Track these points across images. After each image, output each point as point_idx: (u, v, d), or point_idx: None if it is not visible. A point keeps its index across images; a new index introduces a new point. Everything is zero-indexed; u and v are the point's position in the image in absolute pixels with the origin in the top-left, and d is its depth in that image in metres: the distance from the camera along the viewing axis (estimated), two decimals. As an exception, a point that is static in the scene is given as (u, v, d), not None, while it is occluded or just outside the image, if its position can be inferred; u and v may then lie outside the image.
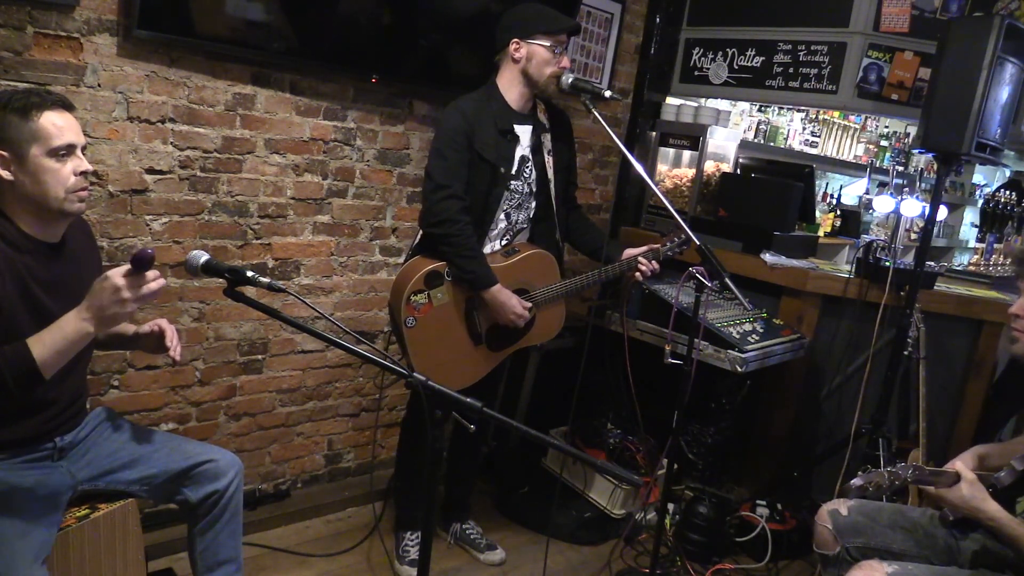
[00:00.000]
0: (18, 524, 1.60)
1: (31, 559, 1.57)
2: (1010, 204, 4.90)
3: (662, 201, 2.38)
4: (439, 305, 2.40)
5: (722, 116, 3.90)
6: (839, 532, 2.06)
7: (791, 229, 3.56)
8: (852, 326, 3.21)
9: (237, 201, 2.60)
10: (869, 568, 1.86)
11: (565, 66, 2.43)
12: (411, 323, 2.37)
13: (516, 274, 2.49)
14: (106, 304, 1.51)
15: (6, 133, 1.59)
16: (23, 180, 1.62)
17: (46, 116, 1.61)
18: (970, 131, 2.66)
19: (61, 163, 1.63)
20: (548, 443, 1.44)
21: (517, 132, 2.47)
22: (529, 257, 2.51)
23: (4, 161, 1.61)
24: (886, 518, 2.07)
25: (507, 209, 2.50)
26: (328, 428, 3.07)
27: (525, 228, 2.58)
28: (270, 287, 1.51)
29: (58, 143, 1.62)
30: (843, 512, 2.09)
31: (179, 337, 1.92)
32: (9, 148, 1.60)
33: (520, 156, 2.48)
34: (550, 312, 2.60)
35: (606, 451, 3.13)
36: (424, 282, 2.37)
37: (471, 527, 2.88)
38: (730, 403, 3.13)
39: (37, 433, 1.75)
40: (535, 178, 2.53)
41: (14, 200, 1.65)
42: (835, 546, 2.06)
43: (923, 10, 3.41)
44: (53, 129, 1.62)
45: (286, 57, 2.57)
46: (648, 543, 2.84)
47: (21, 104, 1.60)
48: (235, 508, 1.94)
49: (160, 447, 1.92)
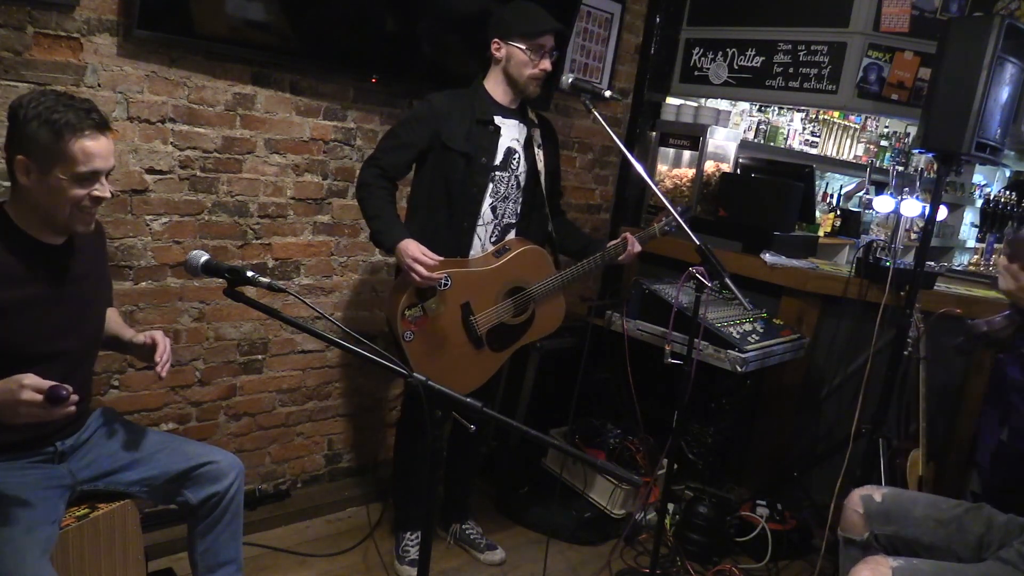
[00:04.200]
0: (23, 521, 1.61)
1: (38, 555, 1.58)
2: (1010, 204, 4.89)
3: (662, 201, 2.38)
4: (434, 316, 2.42)
5: (722, 116, 3.90)
6: (870, 517, 2.05)
7: (791, 229, 3.56)
8: (852, 326, 3.21)
9: (237, 201, 2.60)
10: (875, 563, 1.86)
11: (544, 68, 2.43)
12: (409, 337, 2.39)
13: (510, 273, 2.49)
14: (8, 403, 1.48)
15: (34, 146, 1.57)
16: (39, 191, 1.61)
17: (78, 143, 1.57)
18: (970, 131, 2.66)
19: (81, 187, 1.61)
20: (548, 443, 1.44)
21: (499, 123, 2.47)
22: (521, 254, 2.51)
23: (25, 167, 1.59)
24: (920, 510, 2.05)
25: (493, 203, 2.50)
26: (328, 428, 3.07)
27: (514, 222, 2.57)
28: (270, 287, 1.51)
29: (83, 170, 1.60)
30: (876, 498, 2.09)
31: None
32: (33, 159, 1.58)
33: (506, 148, 2.48)
34: (550, 305, 2.59)
35: (606, 451, 3.12)
36: (416, 295, 2.39)
37: (471, 527, 2.88)
38: (730, 403, 3.13)
39: (38, 436, 1.75)
40: (524, 170, 2.53)
41: (23, 203, 1.65)
42: (864, 531, 2.05)
43: (923, 10, 3.41)
44: (82, 156, 1.58)
45: (286, 57, 2.57)
46: (648, 543, 2.84)
47: (58, 121, 1.56)
48: (236, 509, 1.94)
49: (161, 448, 1.92)
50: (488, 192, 2.47)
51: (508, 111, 2.49)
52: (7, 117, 1.61)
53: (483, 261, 2.48)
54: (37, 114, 1.56)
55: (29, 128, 1.56)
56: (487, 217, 2.50)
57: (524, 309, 2.55)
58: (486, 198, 2.48)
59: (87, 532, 1.78)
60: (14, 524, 1.59)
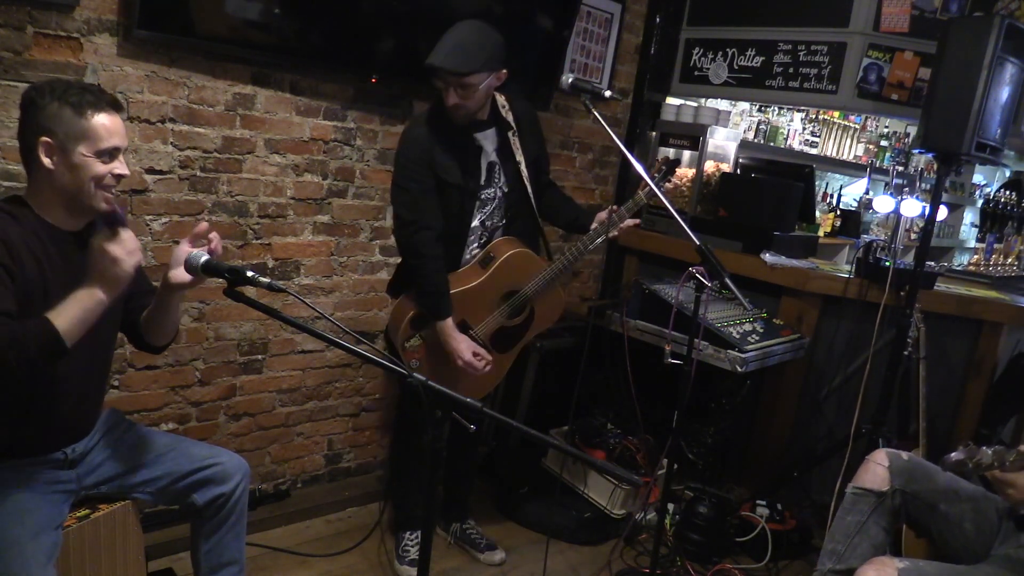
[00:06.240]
0: (30, 527, 1.60)
1: (44, 561, 1.58)
2: (1010, 204, 4.89)
3: (662, 201, 2.38)
4: (433, 340, 2.46)
5: (722, 116, 3.89)
6: (895, 473, 2.10)
7: (791, 229, 3.56)
8: (852, 326, 3.21)
9: (237, 201, 2.60)
10: (880, 564, 1.87)
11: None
12: (416, 365, 2.45)
13: (499, 280, 2.50)
14: (102, 268, 1.55)
15: (57, 126, 1.59)
16: (63, 171, 1.62)
17: (98, 117, 1.62)
18: (970, 131, 2.66)
19: (103, 164, 1.64)
20: (548, 443, 1.44)
21: (479, 140, 2.44)
22: (507, 261, 2.50)
23: (50, 149, 1.61)
24: (943, 481, 2.10)
25: (481, 218, 2.50)
26: (328, 428, 3.07)
27: (501, 226, 2.56)
28: (270, 287, 1.50)
29: (106, 145, 1.63)
30: (904, 456, 2.14)
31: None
32: (56, 139, 1.61)
33: (487, 164, 2.47)
34: (547, 300, 2.59)
35: (606, 451, 3.12)
36: (411, 327, 2.45)
37: (471, 526, 2.88)
38: (730, 403, 3.13)
39: (47, 441, 1.74)
40: (505, 179, 2.51)
41: (45, 188, 1.65)
42: (886, 484, 2.09)
43: (923, 10, 3.41)
44: (103, 131, 1.62)
45: (286, 57, 2.57)
46: (648, 543, 2.84)
47: (76, 100, 1.60)
48: (240, 511, 1.94)
49: (166, 451, 1.91)
50: (476, 209, 2.48)
51: (482, 123, 2.44)
52: (21, 107, 1.63)
53: (471, 274, 2.49)
54: (57, 96, 1.60)
55: (51, 109, 1.59)
56: (476, 231, 2.51)
57: (521, 310, 2.57)
58: (475, 216, 2.49)
59: (87, 532, 1.78)
60: (21, 528, 1.59)
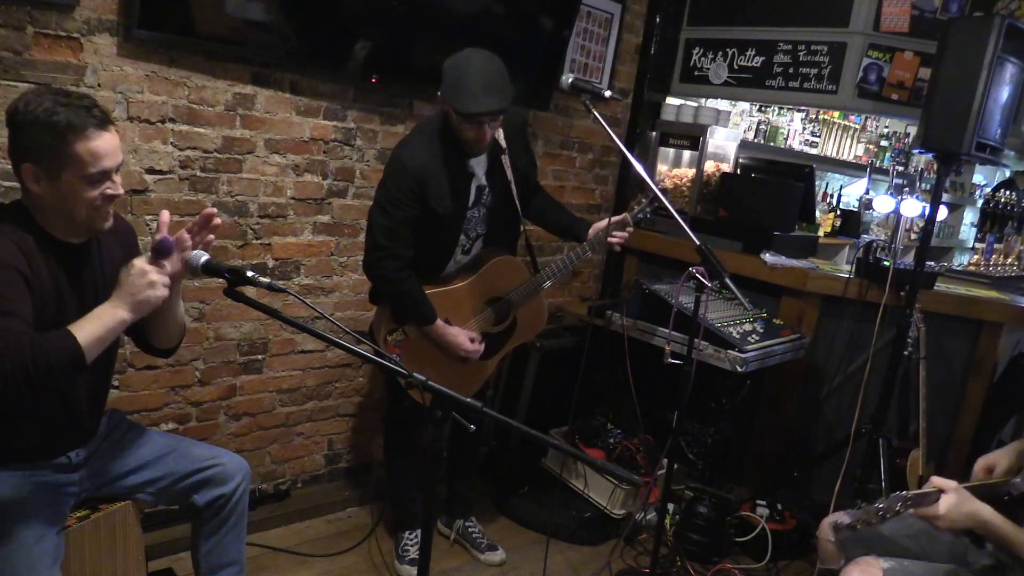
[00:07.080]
0: (35, 529, 1.60)
1: (50, 563, 1.58)
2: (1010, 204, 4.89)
3: (662, 201, 2.38)
4: (415, 336, 2.47)
5: (722, 116, 3.89)
6: (843, 545, 2.04)
7: (791, 229, 3.56)
8: (852, 326, 3.21)
9: (237, 201, 2.60)
10: (866, 564, 1.85)
11: (481, 140, 2.30)
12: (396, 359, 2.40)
13: (484, 285, 2.52)
14: (136, 290, 1.52)
15: (39, 153, 1.53)
16: (51, 195, 1.58)
17: (83, 145, 1.53)
18: (970, 131, 2.66)
19: (92, 188, 1.58)
20: (548, 443, 1.44)
21: (471, 167, 2.43)
22: (492, 266, 2.52)
23: (34, 175, 1.56)
24: (888, 527, 2.03)
25: (464, 227, 2.50)
26: (328, 428, 3.07)
27: (483, 234, 2.56)
28: (270, 287, 1.50)
29: (92, 171, 1.56)
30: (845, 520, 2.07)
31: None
32: (41, 166, 1.55)
33: (476, 187, 2.47)
34: (530, 310, 2.61)
35: (606, 451, 3.13)
36: (393, 319, 2.44)
37: (473, 525, 2.88)
38: (730, 403, 3.13)
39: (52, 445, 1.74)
40: (491, 198, 2.51)
41: (42, 207, 1.62)
42: (841, 558, 2.03)
43: (923, 10, 3.41)
44: (89, 157, 1.54)
45: (286, 57, 2.57)
46: (648, 543, 2.83)
47: (59, 124, 1.51)
48: (241, 512, 1.94)
49: (167, 452, 1.91)
50: (462, 225, 2.48)
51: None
52: (6, 123, 1.57)
53: (455, 277, 2.51)
54: (35, 119, 1.51)
55: (30, 134, 1.52)
56: (463, 244, 2.52)
57: (504, 317, 2.58)
58: (461, 233, 2.49)
59: (87, 532, 1.78)
60: (26, 531, 1.58)
